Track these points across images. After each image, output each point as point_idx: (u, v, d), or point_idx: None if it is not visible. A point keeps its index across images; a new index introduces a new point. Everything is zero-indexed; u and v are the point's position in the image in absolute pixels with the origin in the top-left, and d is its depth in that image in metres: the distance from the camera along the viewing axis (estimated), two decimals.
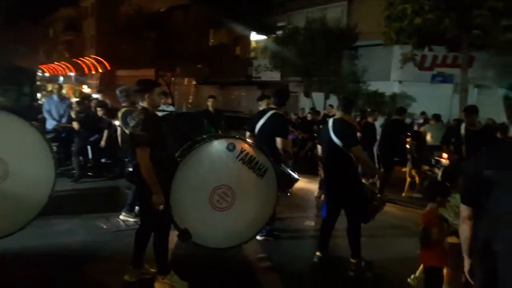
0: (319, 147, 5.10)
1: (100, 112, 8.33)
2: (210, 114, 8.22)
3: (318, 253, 4.65)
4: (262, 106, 6.24)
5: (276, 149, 5.03)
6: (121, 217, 5.71)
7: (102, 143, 8.17)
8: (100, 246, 4.80)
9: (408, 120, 12.65)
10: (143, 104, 3.77)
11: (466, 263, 2.41)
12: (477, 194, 2.20)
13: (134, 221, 5.50)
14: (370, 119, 9.43)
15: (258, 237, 5.18)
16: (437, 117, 10.63)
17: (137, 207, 5.56)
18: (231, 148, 4.33)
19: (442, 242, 3.37)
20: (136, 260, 3.93)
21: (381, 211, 4.65)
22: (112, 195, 7.31)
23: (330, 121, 4.64)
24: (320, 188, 8.00)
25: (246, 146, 4.45)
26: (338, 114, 4.66)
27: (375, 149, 9.17)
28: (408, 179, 8.74)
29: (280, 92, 5.48)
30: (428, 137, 9.75)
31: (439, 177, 5.95)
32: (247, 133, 5.40)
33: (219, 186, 4.28)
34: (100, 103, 8.92)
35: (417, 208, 7.04)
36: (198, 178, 4.19)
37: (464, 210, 2.33)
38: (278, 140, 4.99)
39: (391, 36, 12.18)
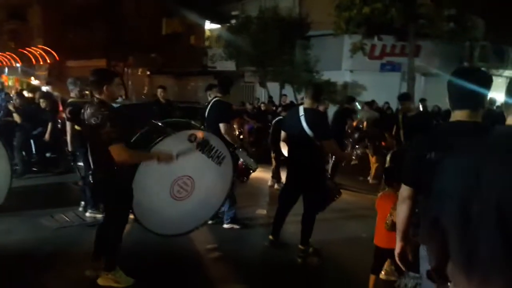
0: (282, 133, 4.92)
1: (43, 103, 7.92)
2: (161, 104, 8.04)
3: (270, 237, 4.75)
4: (212, 95, 6.19)
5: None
6: (87, 213, 5.52)
7: (46, 136, 7.78)
8: (40, 244, 4.58)
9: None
10: (100, 96, 3.46)
11: (398, 246, 2.37)
12: (419, 174, 2.19)
13: (103, 216, 5.34)
14: (321, 108, 9.55)
15: (224, 226, 5.30)
16: (370, 104, 11.33)
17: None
18: (192, 139, 4.34)
19: None
20: (97, 255, 3.79)
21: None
22: (58, 191, 7.00)
23: (301, 110, 4.49)
24: (273, 177, 8.05)
25: (205, 135, 4.46)
26: (307, 103, 4.52)
27: None
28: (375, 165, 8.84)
29: (222, 81, 5.49)
30: (364, 123, 10.11)
31: (387, 161, 6.16)
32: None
33: (180, 177, 4.31)
34: (43, 94, 8.48)
35: (367, 194, 7.26)
36: (160, 170, 4.12)
37: (405, 190, 2.30)
38: (221, 126, 4.96)
39: (341, 26, 12.40)
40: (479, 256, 1.35)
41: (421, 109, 12.96)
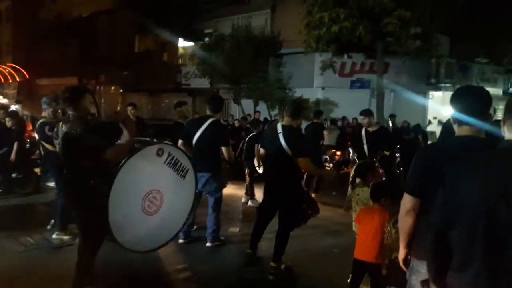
0: (261, 150, 5.00)
1: (9, 123, 7.71)
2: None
3: (248, 250, 4.78)
4: (179, 115, 6.24)
5: (218, 158, 5.07)
6: (54, 236, 5.35)
7: (12, 156, 7.56)
8: (3, 268, 4.41)
9: None
10: (74, 112, 3.53)
11: (402, 253, 2.48)
12: (425, 185, 2.25)
13: (69, 238, 5.23)
14: (295, 124, 9.70)
15: (207, 244, 5.28)
16: (332, 121, 11.90)
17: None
18: (160, 153, 4.34)
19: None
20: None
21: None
22: (25, 212, 6.78)
23: (279, 127, 4.56)
24: (246, 193, 8.05)
25: (172, 150, 4.46)
26: (286, 121, 4.60)
27: None
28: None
29: (214, 99, 5.39)
30: (326, 138, 10.38)
31: (351, 172, 6.27)
32: (180, 141, 5.21)
33: (150, 191, 4.30)
34: (10, 113, 8.26)
35: (337, 207, 7.33)
36: (132, 185, 4.11)
37: (409, 201, 2.32)
38: (224, 150, 5.01)
39: (311, 44, 12.64)
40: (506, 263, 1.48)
41: (390, 124, 13.31)
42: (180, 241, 5.33)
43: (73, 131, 3.44)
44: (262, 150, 4.91)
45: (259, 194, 7.38)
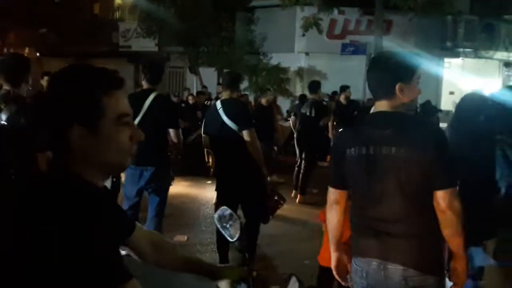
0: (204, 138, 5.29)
1: None
2: None
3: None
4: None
5: (166, 146, 5.14)
6: None
7: None
8: None
9: None
10: (17, 90, 3.69)
11: (334, 257, 2.76)
12: (343, 174, 2.60)
13: None
14: (263, 101, 9.90)
15: None
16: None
17: None
18: None
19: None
20: None
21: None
22: None
23: (218, 103, 5.03)
24: None
25: None
26: (225, 94, 5.11)
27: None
28: None
29: (154, 65, 5.35)
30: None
31: None
32: None
33: None
34: None
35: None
36: None
37: (332, 193, 2.70)
38: (172, 133, 5.06)
39: None
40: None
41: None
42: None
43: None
44: (205, 138, 5.22)
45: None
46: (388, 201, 2.42)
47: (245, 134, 4.80)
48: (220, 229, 2.19)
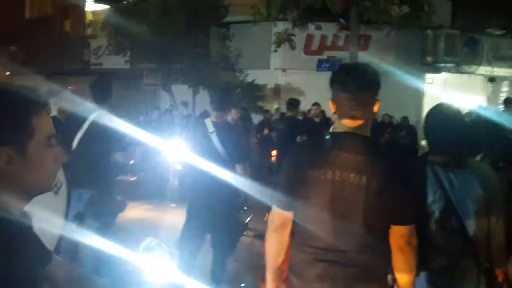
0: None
1: None
2: None
3: None
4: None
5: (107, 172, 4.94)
6: None
7: None
8: None
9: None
10: None
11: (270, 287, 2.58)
12: (295, 195, 2.40)
13: None
14: (229, 118, 9.72)
15: None
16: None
17: None
18: None
19: None
20: None
21: None
22: None
23: (210, 125, 4.60)
24: None
25: None
26: (215, 115, 4.67)
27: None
28: None
29: (96, 82, 5.24)
30: None
31: None
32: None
33: None
34: None
35: None
36: None
37: (277, 216, 2.50)
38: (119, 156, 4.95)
39: (260, 10, 12.66)
40: None
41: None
42: None
43: None
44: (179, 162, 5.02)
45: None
46: (347, 230, 2.32)
47: (239, 168, 4.58)
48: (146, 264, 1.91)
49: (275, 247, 2.54)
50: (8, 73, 28.28)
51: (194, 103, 17.64)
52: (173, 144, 8.31)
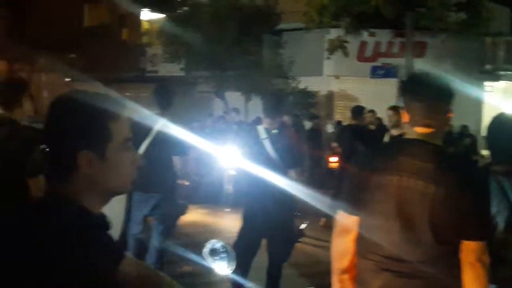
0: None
1: None
2: None
3: None
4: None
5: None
6: None
7: None
8: None
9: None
10: (9, 114, 3.65)
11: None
12: (361, 199, 2.42)
13: None
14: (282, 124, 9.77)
15: None
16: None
17: None
18: None
19: None
20: None
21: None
22: None
23: (261, 131, 4.74)
24: None
25: None
26: (267, 122, 4.78)
27: None
28: None
29: (160, 90, 5.44)
30: None
31: None
32: None
33: None
34: None
35: None
36: None
37: (344, 219, 2.51)
38: (176, 160, 5.09)
39: (312, 17, 12.70)
40: None
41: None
42: None
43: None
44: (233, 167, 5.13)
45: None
46: (412, 239, 2.26)
47: (292, 174, 4.69)
48: (210, 265, 2.12)
49: (339, 249, 2.56)
50: (68, 79, 29.27)
51: (247, 110, 17.78)
52: (227, 150, 8.49)
